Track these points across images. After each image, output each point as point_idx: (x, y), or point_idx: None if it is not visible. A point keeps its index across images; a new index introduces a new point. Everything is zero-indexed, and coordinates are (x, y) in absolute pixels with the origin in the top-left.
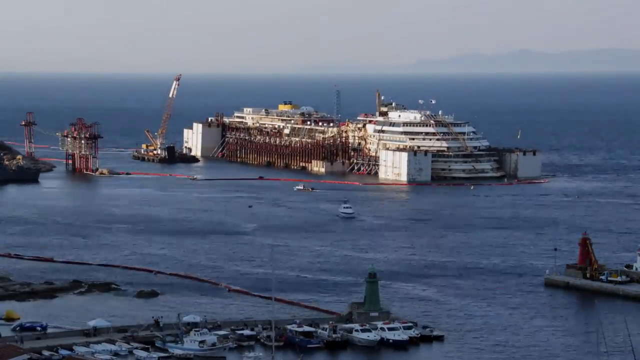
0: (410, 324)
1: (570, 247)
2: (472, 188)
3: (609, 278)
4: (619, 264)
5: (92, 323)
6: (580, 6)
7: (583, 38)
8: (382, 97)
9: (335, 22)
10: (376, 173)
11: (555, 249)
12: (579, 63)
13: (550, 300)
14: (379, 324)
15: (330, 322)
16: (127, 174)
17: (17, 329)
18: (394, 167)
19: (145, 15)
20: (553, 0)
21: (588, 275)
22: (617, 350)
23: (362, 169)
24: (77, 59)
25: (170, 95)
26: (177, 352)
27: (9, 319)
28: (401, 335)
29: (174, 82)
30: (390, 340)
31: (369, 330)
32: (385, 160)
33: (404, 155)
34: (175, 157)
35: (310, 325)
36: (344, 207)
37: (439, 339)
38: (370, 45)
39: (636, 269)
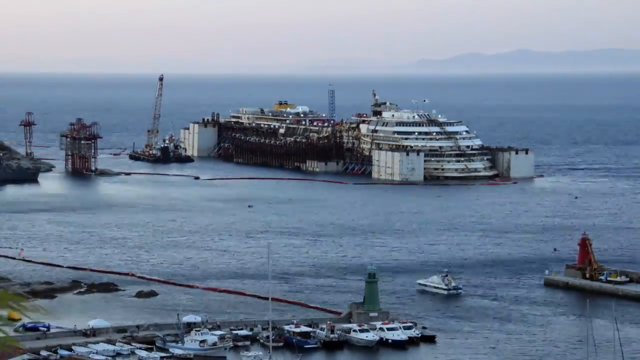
0: (410, 324)
1: (570, 247)
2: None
3: (609, 278)
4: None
5: (91, 323)
6: (580, 6)
7: (583, 38)
8: (377, 97)
9: (335, 22)
10: (370, 173)
11: (555, 249)
12: (579, 63)
13: (549, 300)
14: (378, 324)
15: (328, 322)
16: (127, 174)
17: (20, 329)
18: (386, 167)
19: (143, 14)
20: (553, 0)
21: (588, 275)
22: (609, 351)
23: (355, 168)
24: (76, 59)
25: (156, 95)
26: (178, 352)
27: (11, 320)
28: (400, 335)
29: (158, 83)
30: (390, 340)
31: (367, 330)
32: (378, 160)
33: (396, 155)
34: (170, 157)
35: (310, 326)
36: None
37: (434, 339)
38: (370, 45)
39: None
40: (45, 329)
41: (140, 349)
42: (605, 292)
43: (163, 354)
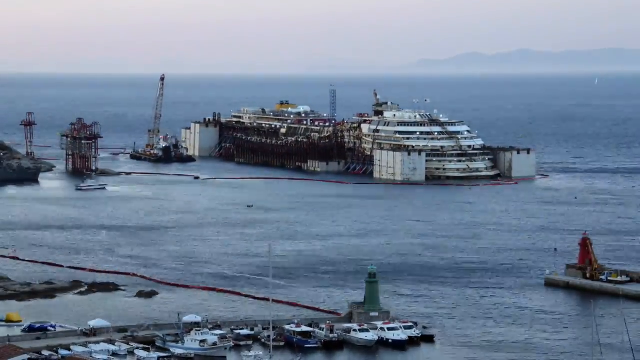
0: (410, 324)
1: (570, 247)
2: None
3: (609, 278)
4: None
5: (92, 323)
6: (580, 6)
7: (583, 38)
8: (378, 97)
9: (335, 21)
10: (371, 173)
11: (555, 249)
12: (579, 63)
13: (550, 300)
14: (379, 324)
15: (328, 322)
16: (127, 174)
17: (27, 330)
18: (388, 167)
19: (143, 15)
20: (553, 0)
21: (588, 275)
22: (615, 350)
23: (357, 168)
24: (76, 59)
25: (157, 95)
26: (178, 351)
27: (9, 321)
28: (400, 335)
29: (160, 83)
30: (390, 340)
31: (366, 330)
32: (379, 160)
33: (398, 155)
34: (172, 157)
35: (310, 325)
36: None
37: (433, 339)
38: (371, 45)
39: None
40: (52, 329)
41: (139, 348)
42: (606, 292)
43: (161, 354)
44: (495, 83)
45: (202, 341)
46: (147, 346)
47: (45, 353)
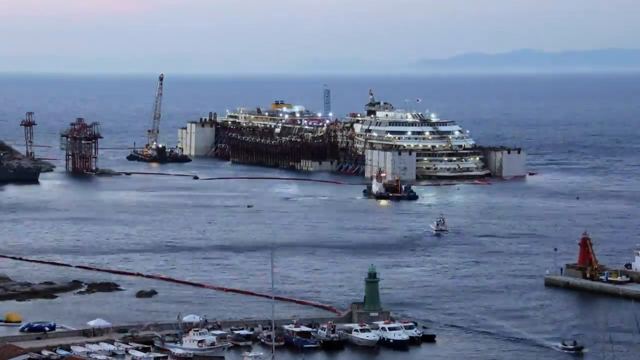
0: (411, 324)
1: (570, 247)
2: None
3: (609, 278)
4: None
5: (92, 323)
6: (580, 6)
7: (583, 38)
8: (372, 96)
9: (335, 21)
10: (363, 172)
11: (555, 249)
12: (579, 63)
13: (550, 300)
14: (380, 324)
15: (329, 322)
16: (127, 174)
17: (25, 329)
18: (379, 166)
19: (142, 14)
20: (553, 0)
21: (588, 275)
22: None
23: (349, 168)
24: (76, 59)
25: (156, 94)
26: (177, 351)
27: (9, 322)
28: (401, 335)
29: (158, 82)
30: (391, 340)
31: (368, 330)
32: (370, 160)
33: (389, 154)
34: (166, 157)
35: (310, 326)
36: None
37: (434, 339)
38: (371, 45)
39: (636, 269)
40: (49, 329)
41: (138, 349)
42: (606, 292)
43: (159, 354)
44: None
45: (200, 341)
46: (147, 346)
47: (45, 353)
